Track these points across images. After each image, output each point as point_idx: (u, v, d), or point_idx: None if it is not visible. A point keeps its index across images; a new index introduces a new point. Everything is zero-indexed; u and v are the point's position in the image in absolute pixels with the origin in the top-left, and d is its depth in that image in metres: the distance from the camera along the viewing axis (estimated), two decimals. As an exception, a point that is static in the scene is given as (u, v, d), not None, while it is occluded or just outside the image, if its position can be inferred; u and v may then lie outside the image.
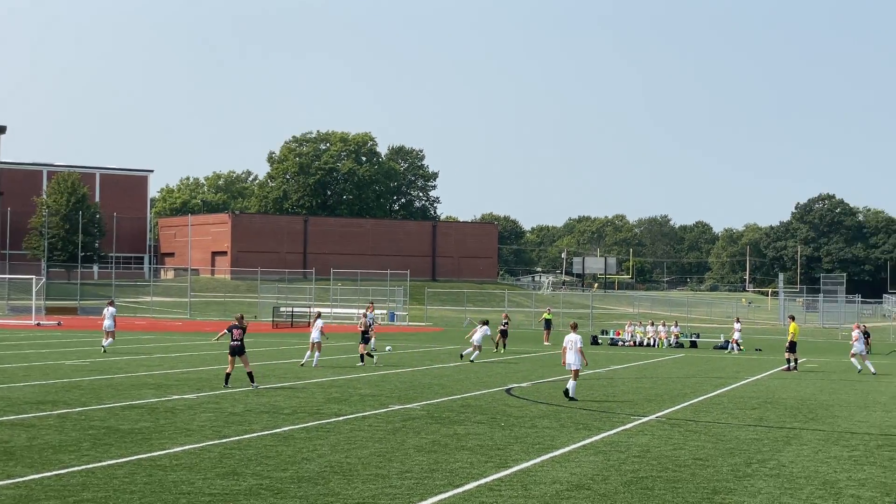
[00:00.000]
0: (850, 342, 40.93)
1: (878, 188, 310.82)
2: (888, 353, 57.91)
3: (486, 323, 41.98)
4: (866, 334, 58.69)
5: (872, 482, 15.13)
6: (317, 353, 34.61)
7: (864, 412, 24.78)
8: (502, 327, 48.35)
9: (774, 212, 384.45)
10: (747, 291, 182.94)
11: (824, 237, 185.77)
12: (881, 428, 21.70)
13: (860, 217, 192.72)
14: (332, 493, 13.50)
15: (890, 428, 21.74)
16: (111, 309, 42.34)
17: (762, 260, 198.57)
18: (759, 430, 20.86)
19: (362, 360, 36.26)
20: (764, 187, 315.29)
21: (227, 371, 27.11)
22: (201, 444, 17.20)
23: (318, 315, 36.45)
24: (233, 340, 26.68)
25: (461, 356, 40.26)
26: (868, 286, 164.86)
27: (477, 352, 39.74)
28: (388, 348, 43.31)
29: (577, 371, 25.79)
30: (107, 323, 41.55)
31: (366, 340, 37.60)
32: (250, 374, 27.11)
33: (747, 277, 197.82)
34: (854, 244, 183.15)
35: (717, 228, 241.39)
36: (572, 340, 25.69)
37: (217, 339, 30.21)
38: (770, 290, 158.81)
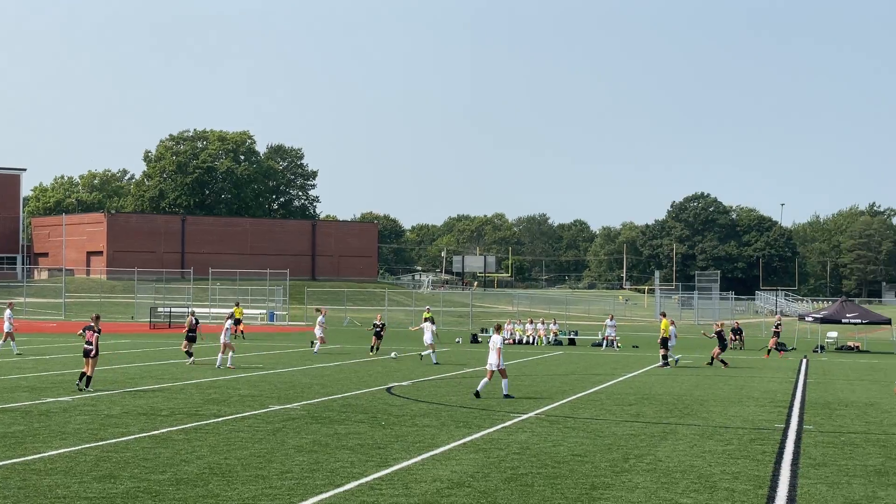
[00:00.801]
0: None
1: (749, 187, 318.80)
2: (760, 349, 59.39)
3: (432, 321, 42.04)
4: (738, 332, 60.34)
5: (746, 475, 15.47)
6: (230, 353, 34.58)
7: (738, 407, 25.35)
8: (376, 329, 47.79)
9: (650, 210, 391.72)
10: (624, 289, 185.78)
11: (699, 235, 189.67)
12: (754, 422, 22.22)
13: (733, 215, 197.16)
14: (212, 494, 13.31)
15: (762, 422, 22.27)
16: (7, 312, 41.19)
17: (639, 258, 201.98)
18: (636, 425, 21.19)
19: (189, 357, 36.02)
20: (640, 186, 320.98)
21: (83, 371, 26.25)
22: (77, 448, 16.81)
23: (230, 316, 36.37)
24: (86, 343, 26.00)
25: (420, 356, 39.98)
26: (741, 283, 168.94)
27: (432, 351, 39.73)
28: (392, 354, 41.91)
29: (503, 370, 26.18)
30: (6, 326, 40.40)
31: (191, 339, 36.70)
32: (89, 378, 26.02)
33: (624, 275, 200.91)
34: (727, 242, 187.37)
35: (595, 227, 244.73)
36: (495, 341, 26.17)
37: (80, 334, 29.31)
38: (646, 287, 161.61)
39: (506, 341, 59.10)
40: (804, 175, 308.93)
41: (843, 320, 60.29)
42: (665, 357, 40.04)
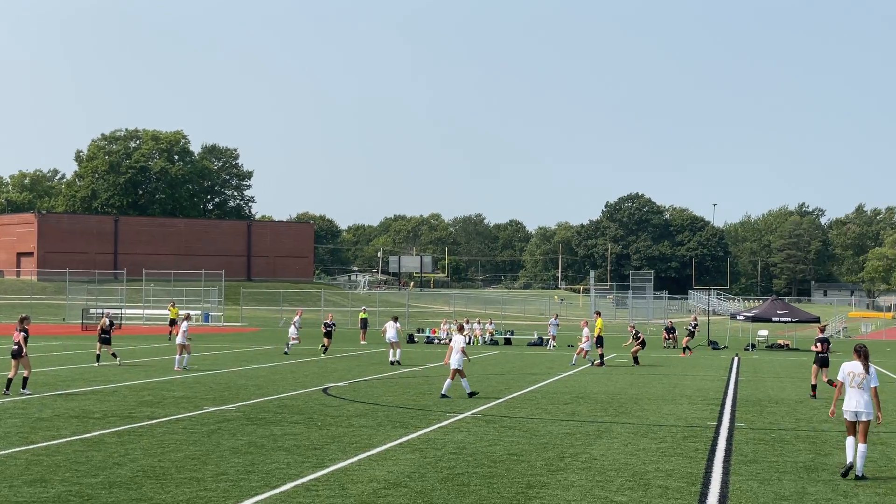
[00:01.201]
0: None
1: (682, 188, 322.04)
2: (693, 348, 60.00)
3: (395, 319, 42.02)
4: (671, 330, 60.95)
5: (679, 472, 15.63)
6: (186, 356, 34.44)
7: (672, 405, 25.60)
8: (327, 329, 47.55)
9: (585, 211, 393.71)
10: (560, 289, 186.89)
11: (633, 235, 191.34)
12: (687, 420, 22.46)
13: (667, 216, 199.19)
14: (145, 497, 13.19)
15: (695, 420, 22.51)
16: None
17: (574, 258, 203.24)
18: (571, 424, 21.32)
19: (97, 361, 35.70)
20: (575, 187, 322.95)
21: (9, 376, 25.63)
22: (7, 451, 16.57)
23: (187, 317, 36.09)
24: (14, 343, 25.61)
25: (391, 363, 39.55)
26: (675, 282, 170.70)
27: (397, 350, 39.73)
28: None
29: (460, 371, 26.34)
30: None
31: (105, 341, 36.21)
32: (25, 379, 25.52)
33: (560, 275, 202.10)
34: (661, 242, 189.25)
35: (531, 227, 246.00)
36: (457, 341, 26.60)
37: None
38: (582, 287, 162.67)
39: (442, 341, 59.25)
40: (736, 176, 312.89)
41: (774, 319, 61.14)
42: (602, 356, 40.38)
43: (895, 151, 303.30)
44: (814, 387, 29.04)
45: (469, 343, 59.21)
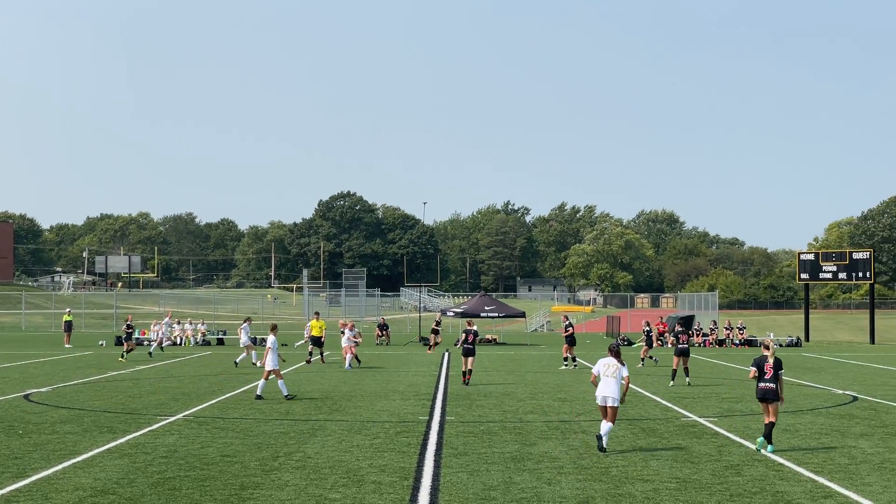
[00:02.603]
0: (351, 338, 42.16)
1: (393, 186, 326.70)
2: (405, 344, 61.05)
3: (248, 319, 41.67)
4: (384, 327, 61.82)
5: (392, 468, 15.84)
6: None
7: (384, 401, 25.93)
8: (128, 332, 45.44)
9: (298, 209, 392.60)
10: (273, 287, 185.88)
11: (346, 233, 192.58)
12: (399, 416, 22.81)
13: (379, 214, 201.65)
14: None
15: (407, 415, 22.89)
16: None
17: (287, 256, 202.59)
18: (285, 423, 21.25)
19: None
20: (287, 185, 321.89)
21: None
22: None
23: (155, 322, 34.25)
24: None
25: (239, 363, 38.36)
26: (387, 280, 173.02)
27: (248, 353, 39.05)
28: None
29: (277, 371, 26.19)
30: None
31: None
32: None
33: (273, 274, 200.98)
34: (373, 240, 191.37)
35: (243, 226, 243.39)
36: (271, 341, 26.49)
37: None
38: (295, 285, 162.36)
39: (151, 342, 57.76)
40: (445, 175, 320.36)
41: (482, 314, 63.07)
42: (322, 354, 40.67)
43: (592, 151, 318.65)
44: (673, 372, 32.25)
45: (180, 344, 58.03)
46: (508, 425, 21.10)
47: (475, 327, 32.72)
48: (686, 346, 32.34)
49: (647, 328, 45.11)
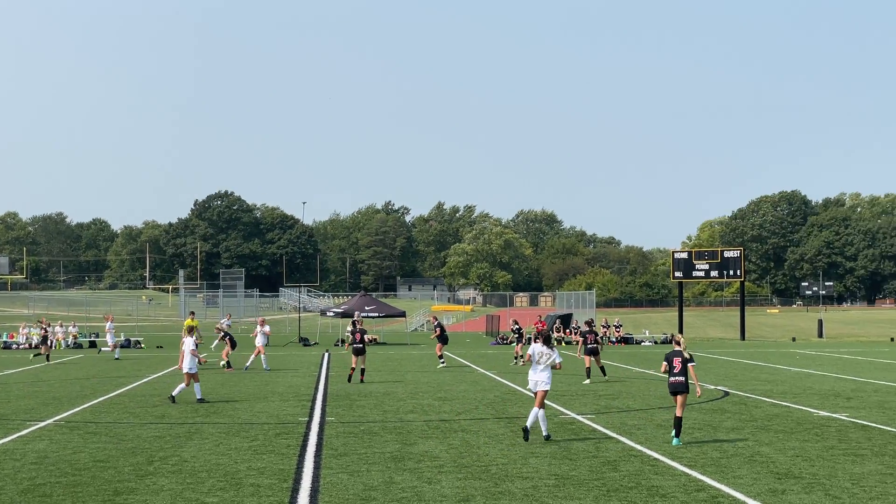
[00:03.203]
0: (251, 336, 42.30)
1: (272, 186, 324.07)
2: (285, 345, 60.58)
3: (108, 319, 41.67)
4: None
5: (271, 470, 15.67)
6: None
7: (263, 403, 25.67)
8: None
9: (174, 209, 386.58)
10: (148, 288, 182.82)
11: (223, 234, 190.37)
12: (278, 417, 22.59)
13: (257, 214, 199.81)
14: None
15: (286, 416, 22.69)
16: None
17: (163, 257, 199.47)
18: (161, 427, 20.88)
19: None
20: (163, 184, 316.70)
21: None
22: None
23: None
24: None
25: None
26: (266, 280, 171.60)
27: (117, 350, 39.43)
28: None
29: (194, 375, 25.74)
30: None
31: None
32: None
33: (148, 274, 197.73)
34: (252, 240, 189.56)
35: (116, 226, 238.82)
36: (188, 343, 25.83)
37: None
38: (171, 286, 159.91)
39: (21, 346, 56.33)
40: (324, 175, 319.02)
41: (362, 314, 62.84)
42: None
43: (472, 152, 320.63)
44: (587, 370, 32.96)
45: (51, 347, 56.67)
46: (389, 425, 21.06)
47: (363, 325, 32.98)
48: (595, 345, 33.17)
49: (517, 326, 45.92)
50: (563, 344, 62.35)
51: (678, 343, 19.02)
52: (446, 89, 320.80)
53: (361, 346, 31.52)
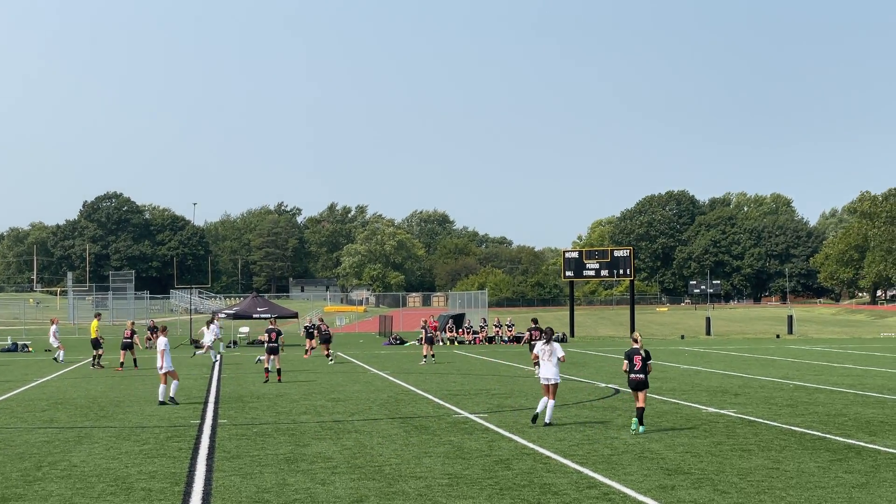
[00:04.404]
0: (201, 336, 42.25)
1: (162, 187, 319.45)
2: (175, 347, 59.82)
3: (54, 322, 43.12)
4: (154, 329, 60.45)
5: (163, 473, 15.55)
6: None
7: (154, 406, 25.38)
8: None
9: (61, 210, 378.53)
10: (35, 291, 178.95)
11: (113, 235, 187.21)
12: (170, 420, 22.39)
13: (147, 215, 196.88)
14: None
15: (179, 420, 22.49)
16: None
17: (50, 259, 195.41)
18: (49, 431, 20.55)
19: None
20: (50, 185, 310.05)
21: None
22: None
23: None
24: None
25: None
26: (157, 282, 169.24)
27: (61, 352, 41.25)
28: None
29: (174, 372, 25.83)
30: None
31: None
32: None
33: (35, 277, 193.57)
34: (142, 241, 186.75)
35: (2, 228, 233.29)
36: (161, 342, 25.96)
37: None
38: (59, 289, 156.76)
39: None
40: (215, 175, 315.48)
41: (255, 315, 62.55)
42: (98, 357, 40.18)
43: (364, 152, 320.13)
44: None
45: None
46: (282, 427, 21.02)
47: (277, 326, 34.05)
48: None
49: (424, 324, 46.58)
50: (456, 343, 62.73)
51: (636, 341, 20.02)
52: (337, 89, 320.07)
53: (276, 345, 32.53)
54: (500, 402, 26.01)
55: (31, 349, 56.37)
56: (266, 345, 32.68)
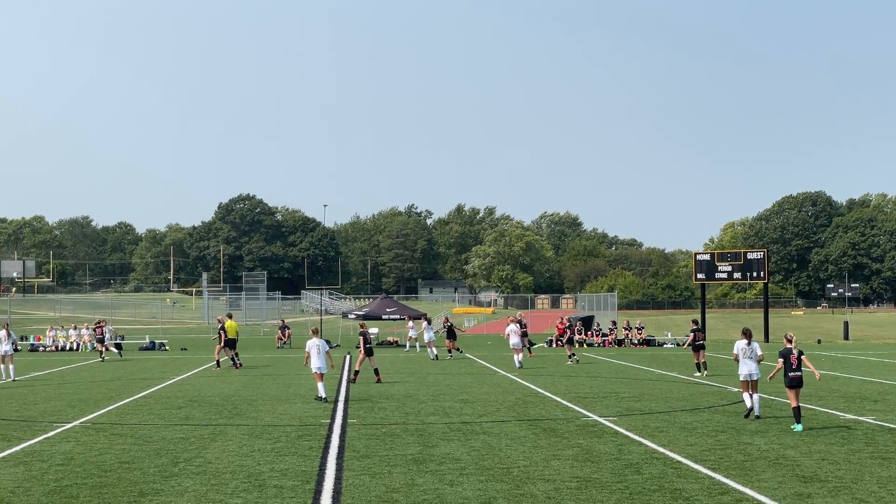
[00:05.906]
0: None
1: (293, 189, 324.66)
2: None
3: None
4: (285, 329, 61.35)
5: (294, 471, 15.75)
6: (11, 367, 34.16)
7: (286, 405, 25.75)
8: None
9: (197, 212, 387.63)
10: (172, 291, 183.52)
11: (246, 236, 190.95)
12: (301, 419, 22.67)
13: (279, 216, 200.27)
14: None
15: (308, 419, 22.76)
16: None
17: (186, 260, 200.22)
18: (185, 428, 21.00)
19: None
20: (186, 187, 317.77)
21: None
22: None
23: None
24: None
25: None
26: (288, 283, 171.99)
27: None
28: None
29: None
30: None
31: None
32: None
33: (172, 277, 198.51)
34: (273, 243, 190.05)
35: (141, 229, 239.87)
36: (314, 342, 26.70)
37: None
38: (194, 289, 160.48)
39: (48, 349, 56.70)
40: (345, 177, 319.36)
41: (384, 316, 62.99)
42: (236, 356, 40.70)
43: (493, 154, 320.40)
44: (697, 365, 36.57)
45: (77, 349, 56.98)
46: (410, 427, 21.10)
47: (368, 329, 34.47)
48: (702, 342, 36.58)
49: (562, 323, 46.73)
50: (585, 346, 62.30)
51: (789, 341, 20.75)
52: (468, 91, 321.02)
53: (370, 346, 33.07)
54: (630, 405, 25.71)
55: (167, 347, 57.77)
56: (364, 347, 32.81)
